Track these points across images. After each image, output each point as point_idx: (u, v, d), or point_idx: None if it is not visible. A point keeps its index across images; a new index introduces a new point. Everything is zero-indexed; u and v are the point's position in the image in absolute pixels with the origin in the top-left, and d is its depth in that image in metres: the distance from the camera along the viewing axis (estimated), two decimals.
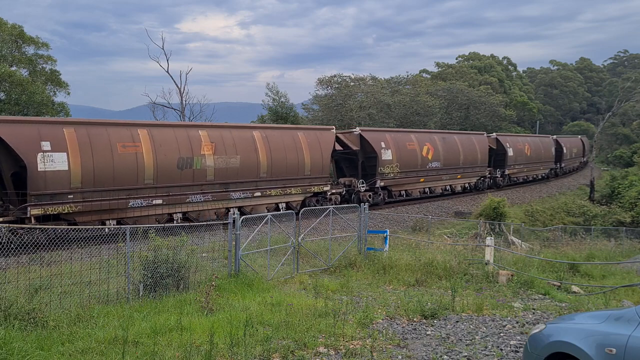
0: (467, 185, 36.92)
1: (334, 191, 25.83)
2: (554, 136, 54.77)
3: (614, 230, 27.72)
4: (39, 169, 15.81)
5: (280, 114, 42.81)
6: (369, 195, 27.73)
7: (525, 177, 45.78)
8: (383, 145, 28.40)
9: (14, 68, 29.88)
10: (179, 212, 19.38)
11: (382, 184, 28.53)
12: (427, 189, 32.72)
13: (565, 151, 54.26)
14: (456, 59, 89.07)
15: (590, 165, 59.70)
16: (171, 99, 43.94)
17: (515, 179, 43.53)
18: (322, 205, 24.15)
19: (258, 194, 22.07)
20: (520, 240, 21.49)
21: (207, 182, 20.26)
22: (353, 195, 27.34)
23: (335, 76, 54.37)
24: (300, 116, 47.94)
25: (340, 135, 27.62)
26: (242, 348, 6.37)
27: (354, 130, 28.39)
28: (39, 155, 15.83)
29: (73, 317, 7.42)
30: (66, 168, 16.34)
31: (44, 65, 32.48)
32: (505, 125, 65.64)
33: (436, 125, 50.72)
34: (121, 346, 6.18)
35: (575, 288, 11.40)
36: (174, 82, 52.57)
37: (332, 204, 23.33)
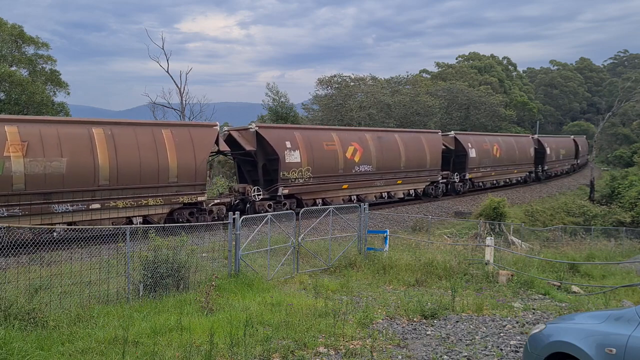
0: (411, 191, 30.91)
1: (217, 201, 21.55)
2: (535, 135, 49.67)
3: (614, 230, 27.72)
4: None
5: (281, 114, 42.84)
6: (269, 205, 22.99)
7: (495, 182, 39.94)
8: (288, 146, 23.40)
9: (14, 68, 29.89)
10: None
11: (285, 191, 23.33)
12: (353, 197, 26.83)
13: (548, 152, 47.86)
14: (456, 59, 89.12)
15: (590, 166, 59.66)
16: (171, 99, 43.98)
17: (479, 184, 37.92)
18: (197, 219, 20.23)
19: (96, 205, 17.52)
20: (520, 240, 21.49)
21: (15, 192, 15.85)
22: (248, 205, 22.90)
23: (335, 76, 54.43)
24: (300, 116, 47.96)
25: (233, 133, 23.46)
26: (242, 348, 6.37)
27: (250, 127, 23.90)
28: None
29: (73, 317, 7.42)
30: None
31: (43, 65, 32.49)
32: (505, 125, 65.68)
33: (436, 126, 50.72)
34: (121, 346, 6.18)
35: (575, 288, 11.40)
36: (174, 82, 52.57)
37: (211, 218, 20.74)
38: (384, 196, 29.65)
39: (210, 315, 7.83)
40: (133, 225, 12.14)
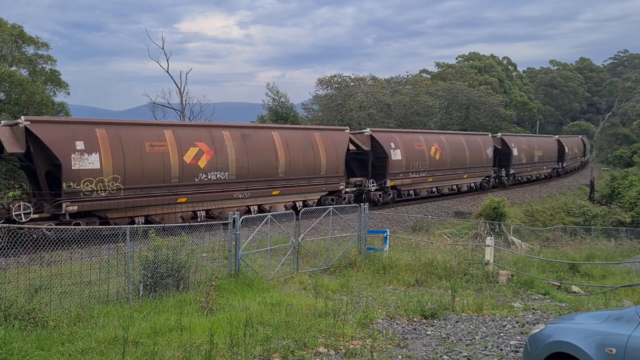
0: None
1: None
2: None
3: (614, 230, 27.72)
4: None
5: (281, 114, 42.83)
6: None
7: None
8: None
9: (13, 68, 29.88)
10: None
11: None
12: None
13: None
14: (456, 59, 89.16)
15: (590, 165, 59.63)
16: (171, 99, 43.98)
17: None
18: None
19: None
20: (520, 240, 21.49)
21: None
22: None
23: (335, 76, 54.43)
24: (300, 116, 47.95)
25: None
26: (242, 348, 6.37)
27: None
28: None
29: (73, 317, 7.42)
30: None
31: (43, 65, 32.46)
32: (505, 125, 65.66)
33: (436, 125, 50.77)
34: (121, 346, 6.18)
35: (575, 288, 11.40)
36: (174, 82, 52.60)
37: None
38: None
39: (210, 315, 7.83)
40: (133, 226, 12.13)
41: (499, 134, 42.19)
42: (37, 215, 16.57)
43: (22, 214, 16.31)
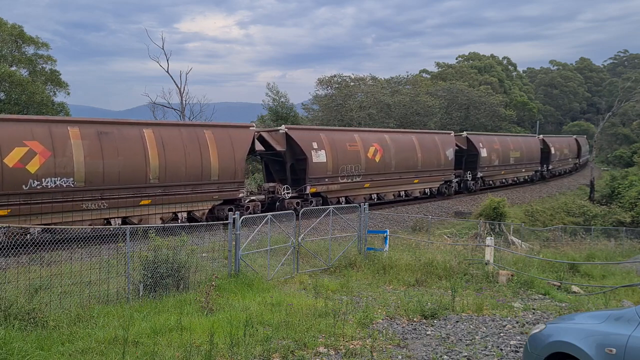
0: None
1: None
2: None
3: (614, 230, 27.73)
4: None
5: (281, 114, 42.84)
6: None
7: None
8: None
9: (14, 68, 29.89)
10: None
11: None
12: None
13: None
14: (456, 59, 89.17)
15: (590, 166, 59.58)
16: (171, 99, 43.99)
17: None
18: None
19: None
20: (520, 240, 21.49)
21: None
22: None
23: (335, 76, 54.46)
24: (300, 116, 47.97)
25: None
26: (242, 348, 6.37)
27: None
28: None
29: (73, 317, 7.42)
30: None
31: (43, 65, 32.50)
32: (505, 125, 65.69)
33: (436, 126, 50.71)
34: (121, 346, 6.18)
35: (575, 288, 11.40)
36: (174, 82, 52.61)
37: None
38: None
39: (210, 315, 7.83)
40: (133, 226, 12.13)
41: (465, 132, 36.83)
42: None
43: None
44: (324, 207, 14.42)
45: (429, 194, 32.05)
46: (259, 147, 22.66)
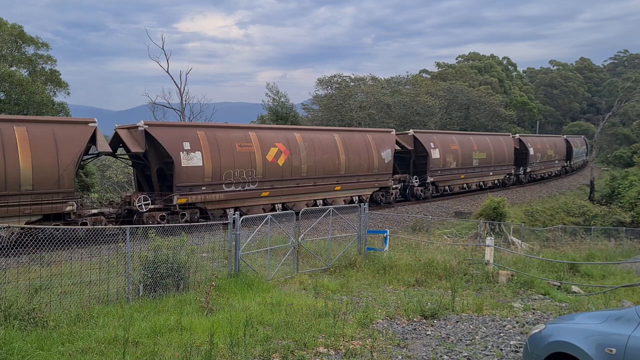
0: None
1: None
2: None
3: (614, 230, 27.74)
4: None
5: (281, 114, 42.85)
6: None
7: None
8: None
9: (13, 68, 29.89)
10: None
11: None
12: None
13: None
14: (456, 59, 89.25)
15: (590, 165, 59.58)
16: (171, 99, 43.97)
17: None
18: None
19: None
20: (520, 240, 21.50)
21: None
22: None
23: (335, 76, 54.48)
24: (300, 116, 47.97)
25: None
26: (242, 348, 6.37)
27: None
28: None
29: (73, 317, 7.42)
30: None
31: (43, 65, 32.49)
32: (505, 126, 65.70)
33: (436, 126, 50.75)
34: (121, 346, 6.18)
35: (575, 288, 11.40)
36: (174, 82, 52.66)
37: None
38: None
39: (210, 315, 7.83)
40: (133, 226, 12.11)
41: (411, 130, 32.28)
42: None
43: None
44: (323, 207, 14.41)
45: (356, 202, 26.15)
46: (103, 147, 18.02)
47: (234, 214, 10.91)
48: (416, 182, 30.90)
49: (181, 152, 19.41)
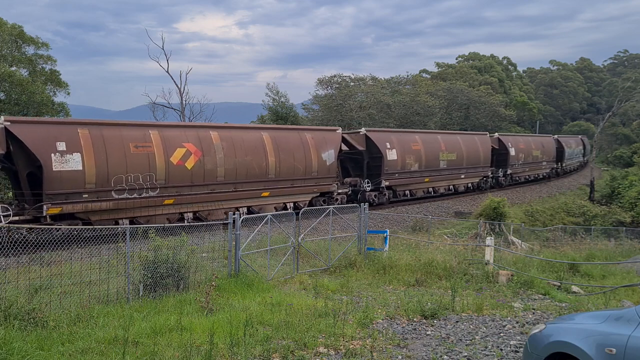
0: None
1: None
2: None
3: (614, 230, 27.75)
4: None
5: (281, 114, 42.85)
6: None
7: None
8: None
9: (13, 68, 29.89)
10: None
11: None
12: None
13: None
14: (456, 59, 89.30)
15: (590, 165, 59.54)
16: (171, 99, 43.96)
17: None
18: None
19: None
20: (520, 240, 21.50)
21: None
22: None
23: (335, 76, 54.49)
24: (300, 116, 47.98)
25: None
26: (242, 348, 6.37)
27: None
28: None
29: (73, 317, 7.42)
30: None
31: (43, 65, 32.50)
32: (505, 125, 65.73)
33: (436, 125, 50.77)
34: (121, 346, 6.18)
35: (575, 288, 11.41)
36: (174, 82, 52.66)
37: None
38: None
39: (210, 315, 7.83)
40: (133, 226, 12.13)
41: (363, 129, 28.48)
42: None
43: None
44: (323, 207, 14.41)
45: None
46: None
47: (234, 214, 10.92)
48: (368, 186, 27.28)
49: (53, 154, 16.30)
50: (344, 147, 26.29)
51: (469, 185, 35.94)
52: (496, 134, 40.81)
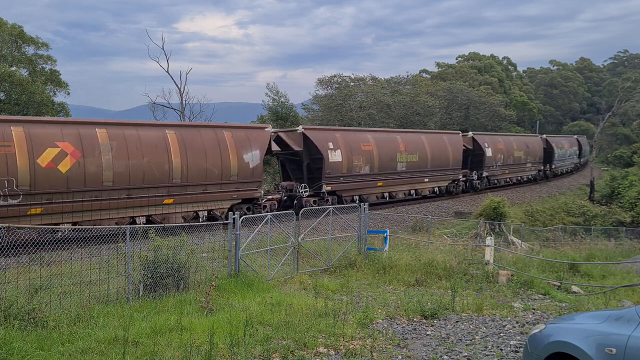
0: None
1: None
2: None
3: (614, 230, 27.75)
4: None
5: (281, 114, 42.85)
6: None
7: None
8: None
9: (13, 68, 29.90)
10: None
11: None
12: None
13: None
14: (456, 59, 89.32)
15: (590, 166, 59.50)
16: (171, 99, 43.94)
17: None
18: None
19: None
20: (520, 240, 21.50)
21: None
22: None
23: (335, 76, 54.47)
24: (300, 116, 47.98)
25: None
26: (242, 348, 6.37)
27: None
28: None
29: (73, 317, 7.42)
30: None
31: (43, 65, 32.52)
32: (505, 125, 65.75)
33: (436, 125, 50.73)
34: (121, 346, 6.18)
35: (575, 288, 11.41)
36: (174, 82, 52.65)
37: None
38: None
39: (210, 315, 7.83)
40: (133, 226, 12.14)
41: (300, 127, 25.35)
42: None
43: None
44: (323, 207, 14.43)
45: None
46: None
47: (234, 215, 10.92)
48: (305, 191, 24.07)
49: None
50: (276, 148, 23.07)
51: (435, 189, 32.31)
52: (470, 133, 36.89)
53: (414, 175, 29.93)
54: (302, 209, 14.22)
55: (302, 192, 24.04)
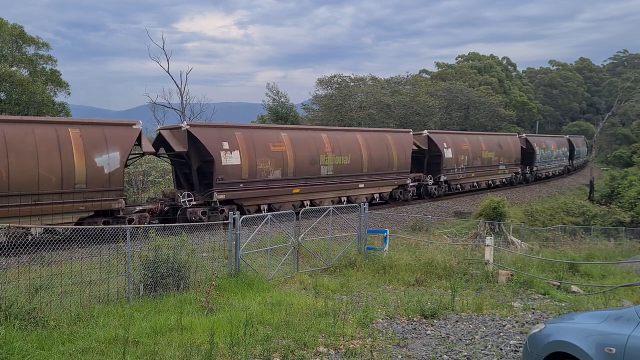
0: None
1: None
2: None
3: (614, 230, 27.77)
4: None
5: (281, 114, 42.86)
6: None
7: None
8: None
9: (14, 68, 29.91)
10: None
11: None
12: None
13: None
14: (456, 59, 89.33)
15: (589, 165, 59.53)
16: (171, 99, 43.96)
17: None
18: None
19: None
20: (519, 240, 21.51)
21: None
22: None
23: (335, 76, 54.48)
24: (300, 116, 47.98)
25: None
26: (242, 348, 6.38)
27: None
28: None
29: (73, 317, 7.43)
30: None
31: (44, 66, 32.53)
32: (505, 125, 65.77)
33: (436, 125, 50.77)
34: (121, 346, 6.18)
35: (574, 288, 11.42)
36: (174, 82, 52.62)
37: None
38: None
39: (211, 315, 7.83)
40: (134, 225, 12.14)
41: (185, 123, 21.58)
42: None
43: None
44: (324, 207, 14.44)
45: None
46: None
47: (234, 214, 10.92)
48: (190, 200, 20.17)
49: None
50: (150, 149, 19.52)
51: (375, 196, 27.65)
52: (425, 131, 32.43)
53: (344, 180, 25.31)
54: (302, 209, 14.22)
55: (184, 201, 20.04)
